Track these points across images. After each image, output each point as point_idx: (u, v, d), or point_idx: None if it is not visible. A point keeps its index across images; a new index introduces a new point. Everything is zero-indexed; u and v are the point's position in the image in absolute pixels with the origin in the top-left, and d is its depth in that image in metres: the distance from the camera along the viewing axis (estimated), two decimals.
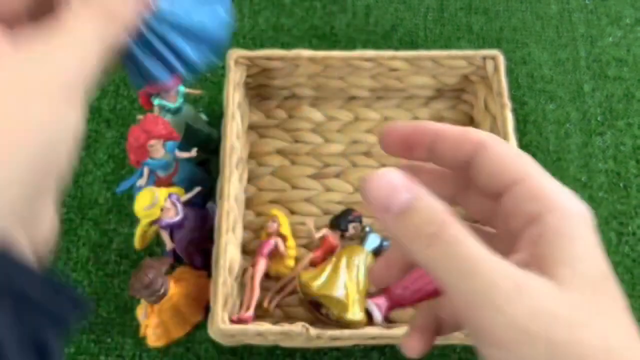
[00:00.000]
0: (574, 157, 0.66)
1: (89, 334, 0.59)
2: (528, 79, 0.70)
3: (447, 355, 0.58)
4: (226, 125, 0.58)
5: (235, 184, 0.58)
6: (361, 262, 0.57)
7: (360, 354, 0.58)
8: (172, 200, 0.54)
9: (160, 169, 0.56)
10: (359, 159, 0.65)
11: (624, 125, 0.68)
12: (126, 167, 0.66)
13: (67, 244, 0.62)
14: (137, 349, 0.58)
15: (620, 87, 0.70)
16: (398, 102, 0.68)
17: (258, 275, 0.57)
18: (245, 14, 0.74)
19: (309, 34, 0.73)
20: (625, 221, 0.63)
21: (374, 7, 0.75)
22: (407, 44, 0.73)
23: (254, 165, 0.65)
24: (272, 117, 0.67)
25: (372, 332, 0.52)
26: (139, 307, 0.57)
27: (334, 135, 0.66)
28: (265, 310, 0.58)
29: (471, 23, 0.74)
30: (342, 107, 0.68)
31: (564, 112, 0.69)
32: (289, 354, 0.58)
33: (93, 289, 0.60)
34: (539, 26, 0.73)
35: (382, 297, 0.57)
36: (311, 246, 0.61)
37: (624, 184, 0.65)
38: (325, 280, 0.56)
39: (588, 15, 0.74)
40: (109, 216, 0.63)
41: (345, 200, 0.63)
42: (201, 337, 0.58)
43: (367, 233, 0.60)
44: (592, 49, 0.72)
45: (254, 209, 0.63)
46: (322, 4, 0.75)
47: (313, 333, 0.50)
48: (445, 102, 0.68)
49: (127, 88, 0.70)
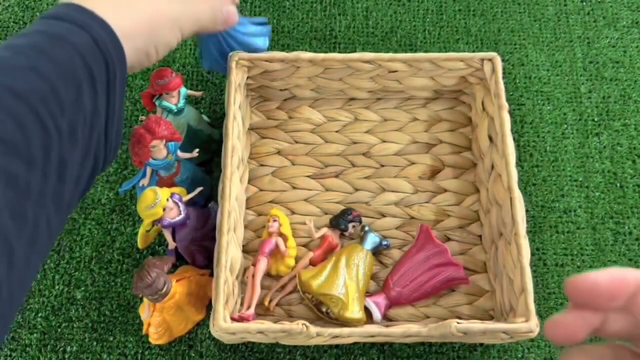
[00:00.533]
0: (571, 158, 0.67)
1: (91, 332, 0.59)
2: (525, 81, 0.71)
3: (445, 353, 0.58)
4: (227, 126, 0.58)
5: (236, 184, 0.59)
6: (361, 261, 0.58)
7: (359, 352, 0.58)
8: (174, 200, 0.54)
9: (163, 169, 0.57)
10: (358, 160, 0.66)
11: (620, 126, 0.69)
12: (129, 168, 0.66)
13: (71, 243, 0.63)
14: (139, 347, 0.59)
15: (617, 89, 0.70)
16: (397, 104, 0.68)
17: (259, 274, 0.58)
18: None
19: (309, 36, 0.74)
20: (622, 221, 0.64)
21: (374, 9, 0.76)
22: (406, 46, 0.73)
23: (255, 165, 0.66)
24: (272, 118, 0.68)
25: (372, 330, 0.52)
26: (141, 305, 0.58)
27: (334, 136, 0.67)
28: (266, 309, 0.58)
29: (469, 25, 0.74)
30: (342, 108, 0.68)
31: (561, 113, 0.69)
32: (289, 351, 0.58)
33: (96, 288, 0.61)
34: (536, 28, 0.74)
35: (381, 295, 0.58)
36: (311, 245, 0.62)
37: (620, 184, 0.66)
38: (325, 279, 0.56)
39: (585, 17, 0.75)
40: (112, 216, 0.64)
41: (344, 200, 0.64)
42: (203, 335, 0.59)
43: (367, 232, 0.60)
44: (588, 51, 0.72)
45: (254, 209, 0.64)
46: (322, 7, 0.76)
47: (313, 331, 0.51)
48: (443, 104, 0.68)
49: (129, 90, 0.71)
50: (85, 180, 0.39)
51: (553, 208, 0.65)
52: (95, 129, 0.38)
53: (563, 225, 0.64)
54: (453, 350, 0.58)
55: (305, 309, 0.59)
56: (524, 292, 0.52)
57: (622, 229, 0.64)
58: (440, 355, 0.58)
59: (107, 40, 0.39)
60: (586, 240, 0.63)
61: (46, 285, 0.61)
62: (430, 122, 0.67)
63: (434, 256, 0.58)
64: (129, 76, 0.71)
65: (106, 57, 0.38)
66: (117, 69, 0.39)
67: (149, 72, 0.71)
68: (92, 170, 0.40)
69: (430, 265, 0.58)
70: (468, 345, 0.59)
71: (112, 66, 0.39)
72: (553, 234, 0.64)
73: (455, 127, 0.67)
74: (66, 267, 0.62)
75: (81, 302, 0.61)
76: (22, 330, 0.59)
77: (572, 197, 0.65)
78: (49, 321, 0.60)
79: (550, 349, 0.58)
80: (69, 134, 0.35)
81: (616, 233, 0.63)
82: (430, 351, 0.58)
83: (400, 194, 0.64)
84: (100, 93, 0.38)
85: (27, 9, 0.76)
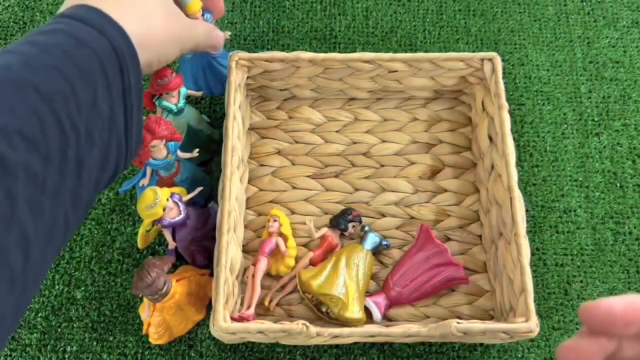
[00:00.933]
0: (571, 158, 0.67)
1: (91, 332, 0.59)
2: (525, 81, 0.71)
3: (445, 353, 0.58)
4: (227, 126, 0.58)
5: (236, 184, 0.59)
6: (361, 261, 0.58)
7: (359, 352, 0.58)
8: (174, 200, 0.54)
9: (163, 169, 0.57)
10: (358, 160, 0.66)
11: (620, 126, 0.69)
12: (129, 168, 0.66)
13: (71, 243, 0.63)
14: (139, 347, 0.59)
15: (617, 89, 0.70)
16: (397, 104, 0.68)
17: (259, 274, 0.58)
18: (246, 16, 0.75)
19: (309, 36, 0.74)
20: (622, 221, 0.64)
21: (374, 9, 0.76)
22: (406, 46, 0.73)
23: (255, 165, 0.66)
24: (272, 118, 0.68)
25: (372, 330, 0.52)
26: (141, 305, 0.58)
27: (334, 136, 0.67)
28: (266, 309, 0.58)
29: (469, 25, 0.74)
30: (342, 108, 0.68)
31: (561, 113, 0.69)
32: (289, 351, 0.58)
33: (96, 288, 0.61)
34: (536, 28, 0.74)
35: (381, 295, 0.58)
36: (311, 245, 0.62)
37: (620, 184, 0.66)
38: (325, 279, 0.56)
39: (585, 17, 0.75)
40: (112, 216, 0.64)
41: (344, 200, 0.64)
42: (203, 335, 0.59)
43: (367, 232, 0.60)
44: (588, 51, 0.72)
45: (254, 209, 0.64)
46: (322, 7, 0.76)
47: (313, 331, 0.51)
48: (443, 104, 0.68)
49: None
50: (105, 182, 0.41)
51: (553, 208, 0.65)
52: (113, 132, 0.39)
53: (563, 225, 0.64)
54: (453, 350, 0.58)
55: (305, 309, 0.59)
56: (524, 292, 0.52)
57: (622, 229, 0.64)
58: (440, 355, 0.58)
59: (124, 47, 0.40)
60: (586, 240, 0.63)
61: (46, 285, 0.61)
62: (430, 122, 0.67)
63: (434, 256, 0.58)
64: None
65: (121, 63, 0.40)
66: (131, 76, 0.40)
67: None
68: (113, 173, 0.41)
69: (430, 265, 0.58)
70: (468, 345, 0.59)
71: (127, 73, 0.40)
72: (553, 234, 0.64)
73: (455, 127, 0.67)
74: (66, 267, 0.62)
75: (81, 302, 0.61)
76: (22, 330, 0.59)
77: (572, 197, 0.65)
78: (49, 321, 0.60)
79: (550, 349, 0.58)
80: (86, 136, 0.37)
81: (616, 233, 0.63)
82: (430, 351, 0.58)
83: (400, 194, 0.64)
84: (117, 98, 0.39)
85: (27, 9, 0.76)
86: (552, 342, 0.59)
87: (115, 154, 0.40)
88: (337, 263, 0.58)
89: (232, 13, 0.75)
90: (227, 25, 0.74)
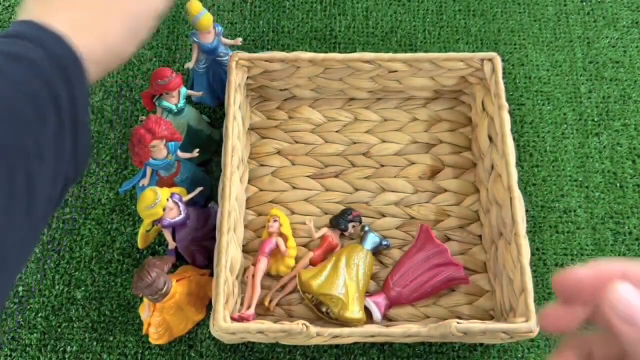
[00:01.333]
0: (571, 158, 0.67)
1: (91, 332, 0.59)
2: (525, 81, 0.71)
3: (445, 353, 0.58)
4: (227, 126, 0.58)
5: (236, 184, 0.59)
6: (360, 261, 0.58)
7: (359, 352, 0.58)
8: (174, 200, 0.54)
9: (163, 169, 0.57)
10: (358, 160, 0.66)
11: (620, 126, 0.69)
12: (129, 168, 0.66)
13: (71, 243, 0.63)
14: (139, 346, 0.59)
15: (617, 89, 0.70)
16: (397, 103, 0.68)
17: (259, 274, 0.58)
18: (246, 16, 0.75)
19: (309, 36, 0.74)
20: (622, 221, 0.64)
21: (374, 9, 0.76)
22: (406, 46, 0.73)
23: (255, 165, 0.66)
24: (272, 118, 0.68)
25: (372, 330, 0.52)
26: (141, 305, 0.58)
27: (334, 136, 0.67)
28: (266, 309, 0.58)
29: (469, 25, 0.74)
30: (342, 108, 0.68)
31: (561, 113, 0.69)
32: (289, 351, 0.58)
33: (96, 288, 0.61)
34: (536, 28, 0.74)
35: (381, 295, 0.58)
36: (311, 245, 0.62)
37: (620, 184, 0.66)
38: (325, 279, 0.56)
39: (585, 17, 0.75)
40: (112, 216, 0.64)
41: (344, 200, 0.64)
42: (203, 335, 0.59)
43: (367, 232, 0.60)
44: (588, 51, 0.72)
45: (254, 209, 0.64)
46: (322, 7, 0.76)
47: (313, 331, 0.51)
48: (443, 104, 0.68)
49: (129, 89, 0.71)
50: (57, 197, 0.38)
51: (553, 208, 0.65)
52: (62, 143, 0.37)
53: (563, 225, 0.64)
54: (453, 350, 0.58)
55: (305, 309, 0.59)
56: (524, 292, 0.52)
57: (622, 229, 0.64)
58: (440, 355, 0.58)
59: (65, 55, 0.37)
60: (586, 240, 0.63)
61: (46, 285, 0.61)
62: (430, 122, 0.68)
63: (434, 256, 0.58)
64: (129, 76, 0.72)
65: (65, 72, 0.37)
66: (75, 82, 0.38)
67: (149, 72, 0.71)
68: (63, 187, 0.39)
69: (430, 265, 0.58)
70: (468, 345, 0.59)
71: (72, 80, 0.37)
72: (553, 234, 0.64)
73: (455, 127, 0.67)
74: (66, 267, 0.62)
75: (81, 302, 0.61)
76: (22, 330, 0.59)
77: (572, 197, 0.65)
78: (49, 321, 0.60)
79: (551, 349, 0.58)
80: (35, 152, 0.34)
81: (616, 233, 0.63)
82: (430, 351, 0.58)
83: (400, 194, 0.64)
84: (65, 107, 0.37)
85: None
86: (552, 342, 0.59)
87: (65, 165, 0.38)
88: (337, 263, 0.58)
89: (232, 13, 0.75)
90: (227, 25, 0.74)
